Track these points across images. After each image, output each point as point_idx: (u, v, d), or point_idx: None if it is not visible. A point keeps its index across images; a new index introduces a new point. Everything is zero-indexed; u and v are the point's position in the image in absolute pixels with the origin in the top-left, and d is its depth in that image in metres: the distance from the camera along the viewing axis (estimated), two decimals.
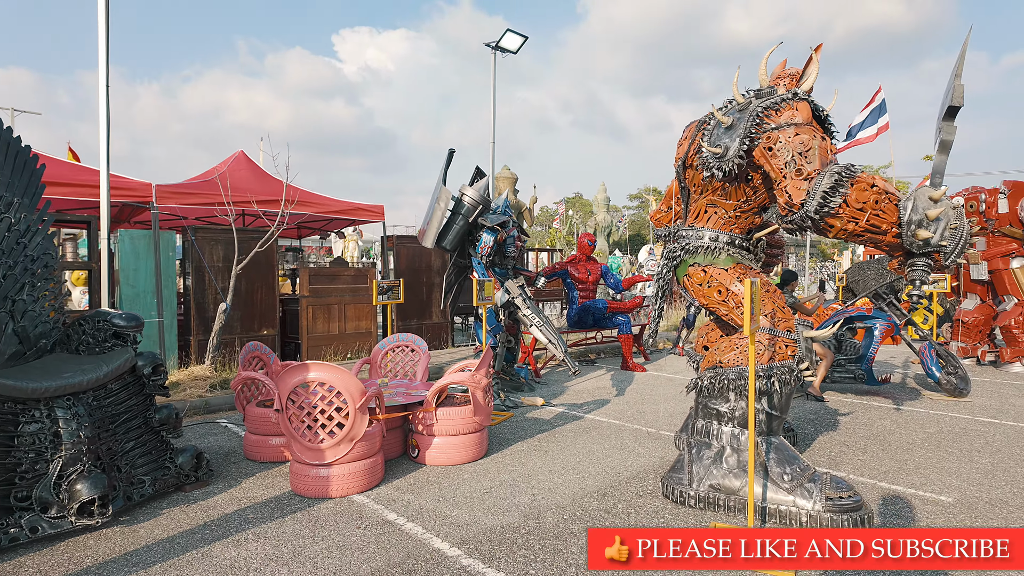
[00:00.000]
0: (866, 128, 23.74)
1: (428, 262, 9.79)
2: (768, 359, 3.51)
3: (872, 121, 24.03)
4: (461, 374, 4.29)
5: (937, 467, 4.26)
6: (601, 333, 9.69)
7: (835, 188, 3.11)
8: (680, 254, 4.05)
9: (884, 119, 24.21)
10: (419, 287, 9.67)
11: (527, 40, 9.23)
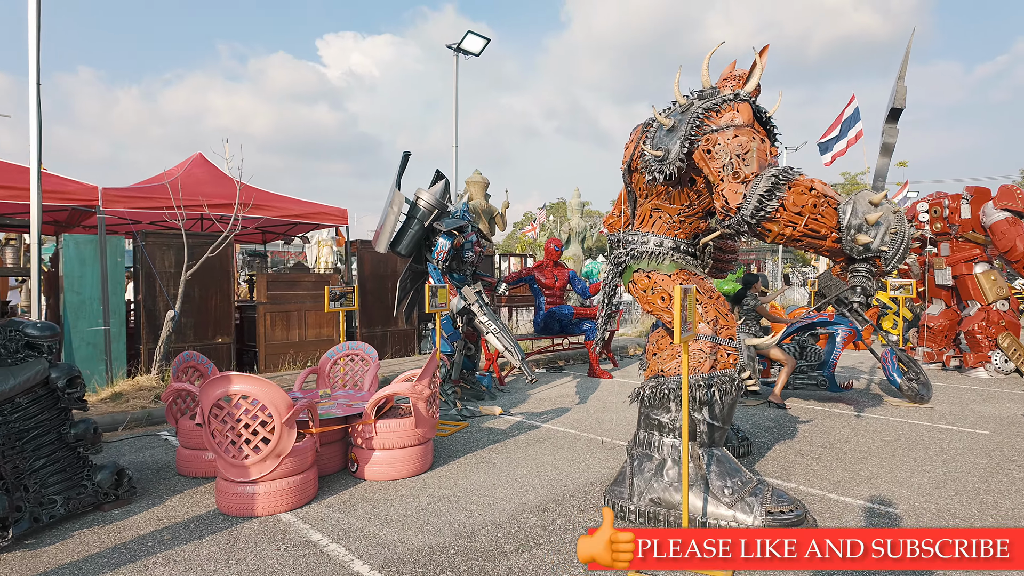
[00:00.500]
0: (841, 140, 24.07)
1: (394, 268, 9.60)
2: (709, 368, 3.39)
3: (845, 132, 24.37)
4: (402, 384, 4.12)
5: (889, 477, 4.18)
6: (568, 339, 9.56)
7: (772, 191, 3.01)
8: (625, 260, 3.93)
9: (858, 127, 24.56)
10: (384, 293, 9.47)
11: (489, 43, 9.13)
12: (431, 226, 6.01)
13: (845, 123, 23.35)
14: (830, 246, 3.12)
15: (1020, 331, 8.39)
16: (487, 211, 12.67)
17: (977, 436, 5.23)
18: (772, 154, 3.28)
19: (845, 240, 3.04)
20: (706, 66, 3.56)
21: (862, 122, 24.10)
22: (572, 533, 3.28)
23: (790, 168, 3.10)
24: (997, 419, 5.81)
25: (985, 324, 8.30)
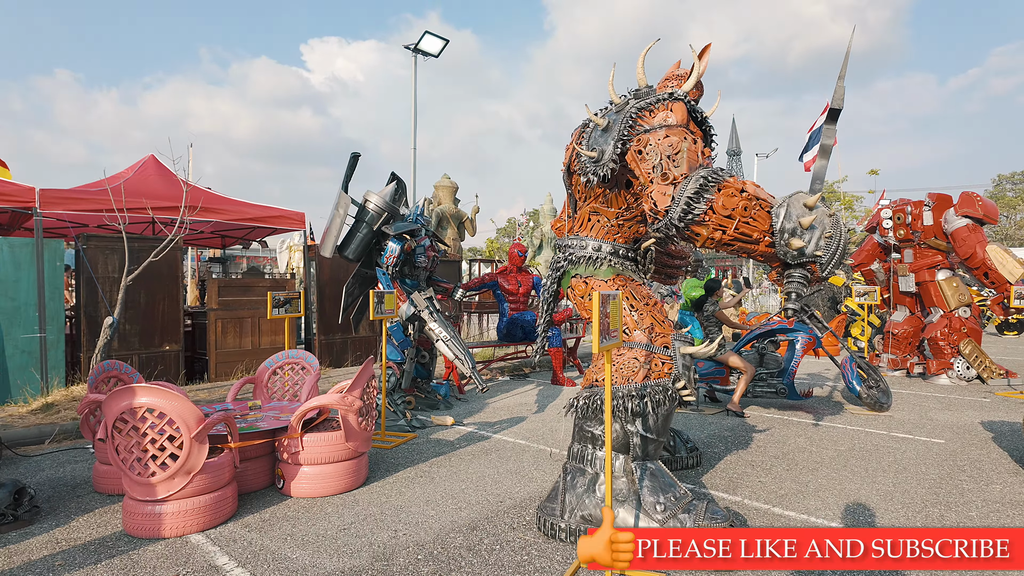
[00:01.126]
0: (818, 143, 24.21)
1: None
2: (643, 377, 3.24)
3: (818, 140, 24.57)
4: (330, 396, 3.91)
5: (838, 489, 4.05)
6: (532, 346, 9.39)
7: (700, 193, 2.88)
8: (563, 265, 3.77)
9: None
10: None
11: (448, 43, 8.97)
12: (381, 230, 5.82)
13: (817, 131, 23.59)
14: (763, 251, 2.99)
15: (981, 338, 8.39)
16: (456, 216, 12.52)
17: (932, 445, 5.14)
18: (705, 155, 3.15)
19: (778, 244, 2.91)
20: (641, 64, 3.43)
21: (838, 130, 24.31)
22: (498, 554, 3.09)
23: (720, 169, 2.97)
24: (954, 427, 5.75)
25: (947, 331, 8.29)
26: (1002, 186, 56.29)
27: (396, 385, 5.91)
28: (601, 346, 2.57)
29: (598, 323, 2.55)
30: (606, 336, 2.67)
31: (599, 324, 2.56)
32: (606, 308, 2.67)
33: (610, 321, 2.72)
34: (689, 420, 6.10)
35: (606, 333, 2.67)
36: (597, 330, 2.55)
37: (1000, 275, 7.88)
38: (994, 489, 4.03)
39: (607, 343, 2.66)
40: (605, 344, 2.64)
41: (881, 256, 9.39)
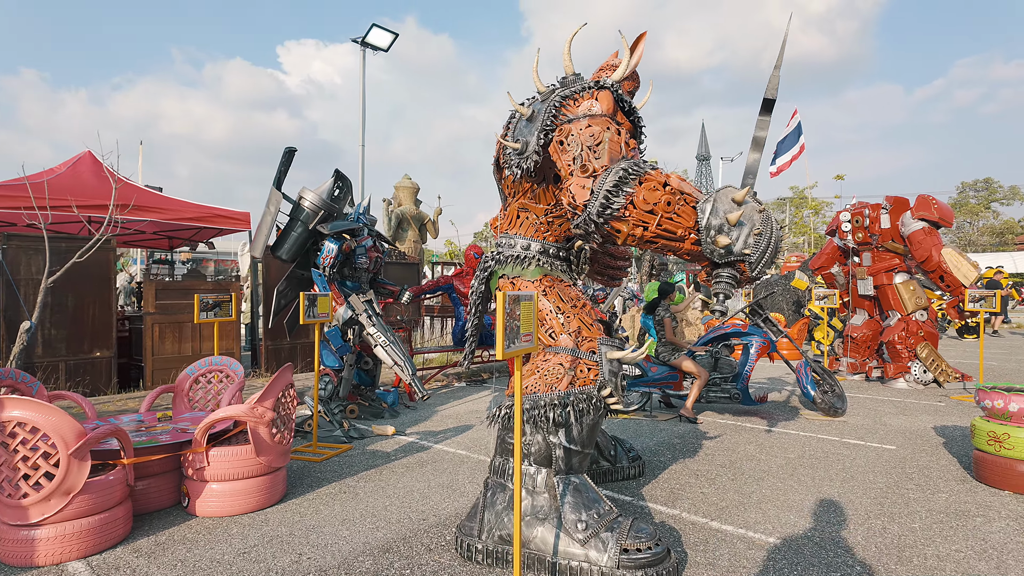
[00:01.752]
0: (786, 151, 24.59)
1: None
2: (567, 384, 3.01)
3: (791, 143, 24.93)
4: (237, 407, 3.61)
5: (781, 500, 3.88)
6: (490, 351, 9.15)
7: (619, 187, 2.66)
8: (491, 264, 3.54)
9: (801, 140, 25.15)
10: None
11: (397, 37, 8.70)
12: (317, 229, 5.52)
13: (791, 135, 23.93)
14: (689, 249, 2.79)
15: (938, 341, 8.38)
16: (417, 217, 12.22)
17: (883, 452, 5.02)
18: (630, 147, 2.94)
19: (704, 242, 2.72)
20: (567, 50, 3.21)
21: (804, 136, 24.73)
22: None
23: (642, 161, 2.76)
24: (906, 433, 5.65)
25: (905, 334, 8.26)
26: (965, 193, 57.91)
27: (333, 393, 5.60)
28: (506, 351, 2.34)
29: (503, 326, 2.32)
30: (515, 340, 2.43)
31: (504, 327, 2.32)
32: (515, 310, 2.44)
33: (521, 324, 2.49)
34: (640, 427, 5.91)
35: (515, 337, 2.44)
36: (502, 334, 2.32)
37: (955, 278, 7.87)
38: (940, 498, 3.90)
39: (515, 348, 2.43)
40: (513, 349, 2.41)
41: (841, 259, 9.36)
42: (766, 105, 3.06)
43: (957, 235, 57.07)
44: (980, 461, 4.19)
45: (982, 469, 4.16)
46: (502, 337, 2.31)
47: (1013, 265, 36.76)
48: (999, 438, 4.03)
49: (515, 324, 2.43)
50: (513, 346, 2.41)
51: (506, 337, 2.34)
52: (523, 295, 2.51)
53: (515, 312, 2.43)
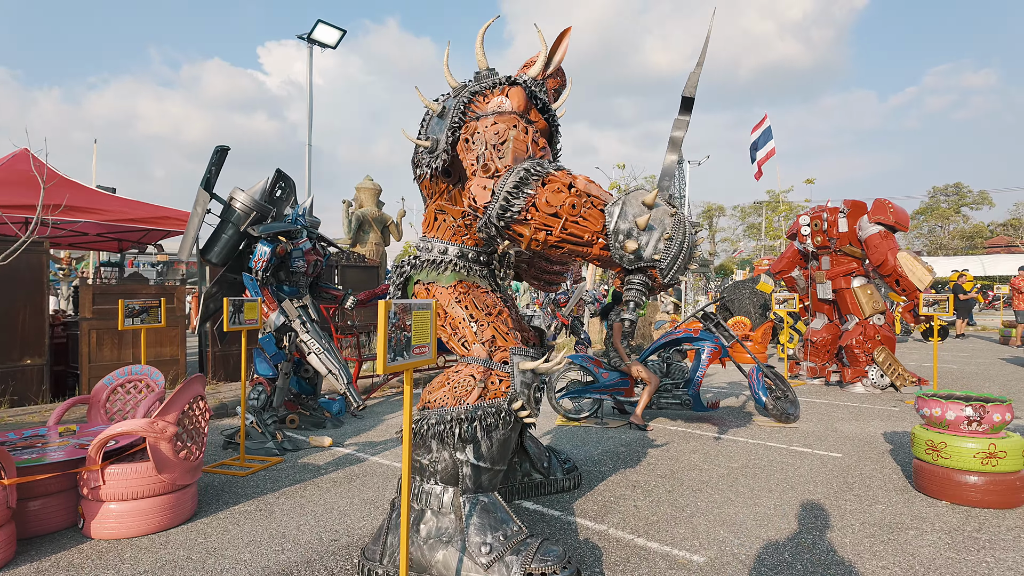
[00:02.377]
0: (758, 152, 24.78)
1: None
2: (476, 397, 2.84)
3: (761, 145, 25.14)
4: (134, 421, 3.38)
5: (715, 513, 3.74)
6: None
7: (519, 188, 2.51)
8: (407, 270, 3.36)
9: (771, 144, 25.38)
10: None
11: (345, 34, 8.49)
12: (248, 231, 5.29)
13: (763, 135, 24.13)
14: (598, 254, 2.64)
15: (895, 345, 8.39)
16: (379, 219, 11.98)
17: (828, 460, 4.93)
18: (539, 146, 2.79)
19: (613, 247, 2.57)
20: (480, 43, 3.05)
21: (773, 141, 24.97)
22: None
23: (544, 161, 2.61)
24: (856, 439, 5.58)
25: (862, 338, 8.25)
26: (937, 197, 59.09)
27: (266, 403, 5.37)
28: (389, 365, 2.16)
29: (384, 337, 2.14)
30: (404, 353, 2.26)
31: (385, 339, 2.14)
32: (404, 319, 2.27)
33: (413, 335, 2.32)
34: (589, 434, 5.76)
35: (403, 349, 2.26)
36: (383, 346, 2.14)
37: (910, 282, 7.86)
38: (876, 510, 3.80)
39: (404, 361, 2.25)
40: (400, 362, 2.23)
41: (801, 263, 9.35)
42: (685, 104, 2.92)
43: (929, 239, 58.22)
44: (919, 470, 4.11)
45: (921, 479, 4.08)
46: (383, 350, 2.13)
47: (982, 268, 37.51)
48: (936, 447, 3.95)
49: (403, 335, 2.25)
50: (401, 359, 2.23)
51: (389, 349, 2.16)
52: (416, 304, 2.33)
53: (404, 322, 2.26)
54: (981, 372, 9.93)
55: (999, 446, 3.78)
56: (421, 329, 2.36)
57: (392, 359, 2.18)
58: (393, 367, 2.19)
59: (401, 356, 2.23)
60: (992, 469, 3.77)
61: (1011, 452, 3.76)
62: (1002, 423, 3.84)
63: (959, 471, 3.85)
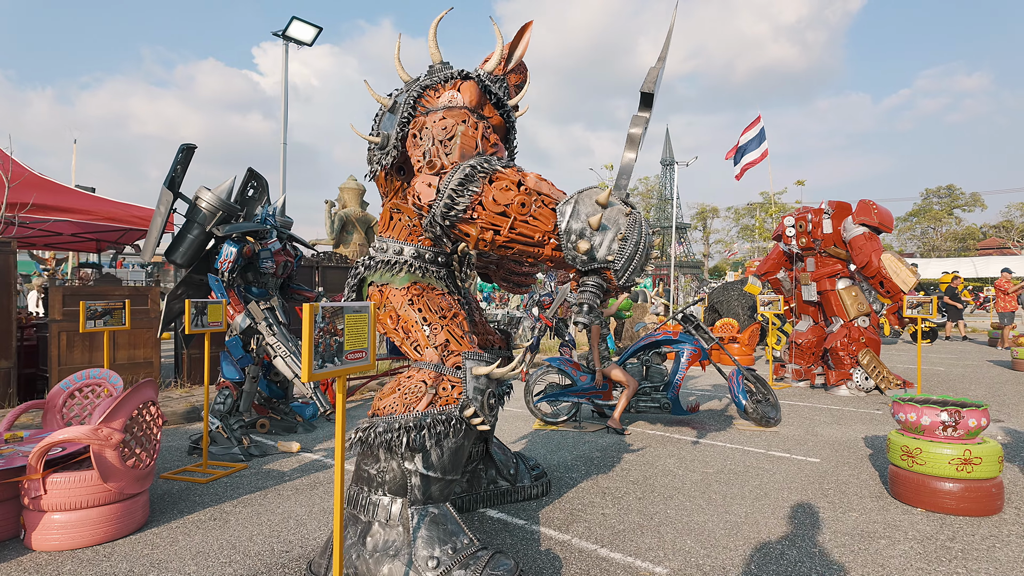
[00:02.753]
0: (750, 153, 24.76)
1: None
2: (427, 404, 2.72)
3: (755, 146, 25.12)
4: (77, 429, 3.25)
5: (683, 522, 3.64)
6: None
7: (464, 185, 2.39)
8: (361, 271, 3.24)
9: (764, 146, 25.36)
10: None
11: (322, 31, 8.37)
12: (214, 232, 5.16)
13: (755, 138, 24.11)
14: (550, 255, 2.53)
15: (880, 347, 8.31)
16: (363, 220, 11.85)
17: (805, 465, 4.83)
18: (490, 142, 2.68)
19: (565, 248, 2.46)
20: (433, 34, 2.94)
21: (767, 142, 24.95)
22: None
23: (493, 158, 2.49)
24: (835, 444, 5.48)
25: (847, 341, 8.16)
26: (929, 199, 59.32)
27: (233, 407, 5.23)
28: (313, 372, 2.04)
29: (308, 343, 2.02)
30: (334, 359, 2.14)
31: (310, 344, 2.02)
32: (335, 324, 2.15)
33: (347, 340, 2.20)
34: (565, 439, 5.65)
35: (333, 355, 2.15)
36: (307, 352, 2.02)
37: (895, 284, 7.79)
38: (849, 518, 3.70)
39: (331, 368, 2.13)
40: (328, 370, 2.12)
41: (786, 265, 9.27)
42: (644, 100, 2.82)
43: (921, 240, 58.44)
44: (894, 477, 4.01)
45: (896, 485, 3.99)
46: (307, 356, 2.01)
47: (974, 270, 37.63)
48: (911, 453, 3.86)
49: (333, 340, 2.13)
50: (331, 366, 2.12)
51: (316, 355, 2.05)
52: (350, 307, 2.21)
53: (334, 326, 2.14)
54: (968, 375, 9.86)
55: (974, 452, 3.68)
56: (356, 333, 2.24)
57: (320, 366, 2.06)
58: (321, 375, 2.08)
59: (331, 363, 2.11)
60: (967, 476, 3.68)
61: (987, 458, 3.67)
62: (978, 428, 3.75)
63: (934, 478, 3.75)
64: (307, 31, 8.33)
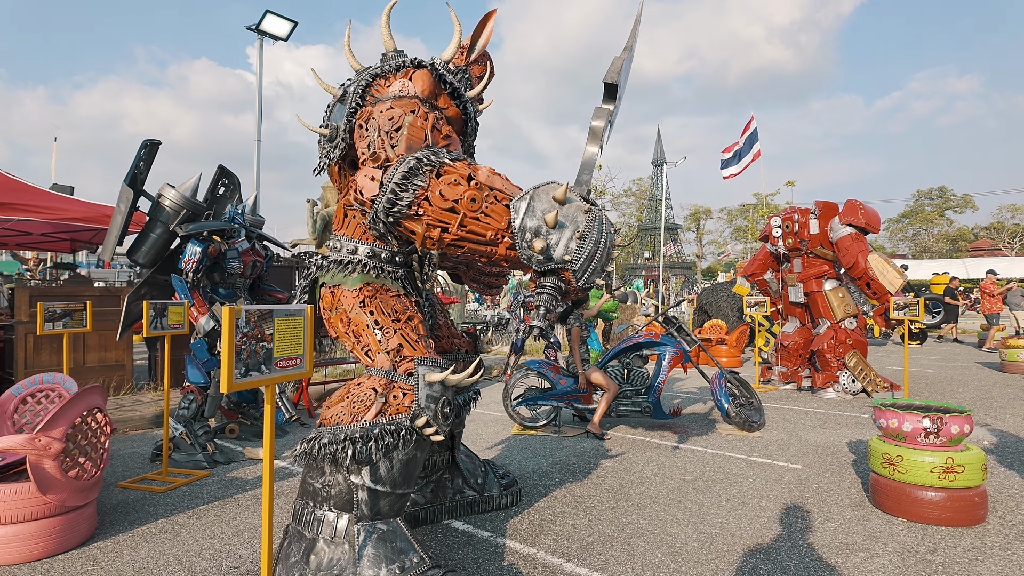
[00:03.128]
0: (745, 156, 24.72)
1: None
2: (376, 414, 2.56)
3: (748, 148, 25.08)
4: (12, 438, 3.07)
5: (656, 534, 3.49)
6: None
7: (408, 179, 2.24)
8: (313, 271, 3.08)
9: (757, 147, 25.31)
10: None
11: (297, 25, 8.19)
12: (176, 231, 4.98)
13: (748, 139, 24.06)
14: (505, 255, 2.38)
15: (867, 349, 8.20)
16: None
17: (786, 472, 4.69)
18: (443, 134, 2.52)
19: (520, 247, 2.31)
20: (386, 20, 2.78)
21: (759, 144, 24.93)
22: None
23: (441, 150, 2.34)
24: (819, 449, 5.35)
25: (834, 343, 8.05)
26: (921, 201, 59.48)
27: (197, 412, 5.06)
28: (234, 382, 1.88)
29: (229, 350, 1.86)
30: (261, 367, 1.98)
31: (230, 351, 1.86)
32: (262, 329, 1.99)
33: (276, 346, 2.04)
34: (543, 444, 5.50)
35: (262, 363, 1.98)
36: (228, 359, 1.86)
37: (881, 285, 7.68)
38: (828, 528, 3.56)
39: (258, 376, 1.97)
40: (253, 379, 1.95)
41: (773, 265, 9.16)
42: (607, 90, 2.67)
43: (913, 242, 58.62)
44: (875, 485, 3.87)
45: (877, 494, 3.85)
46: (227, 364, 1.85)
47: (965, 271, 37.71)
48: (893, 460, 3.72)
49: (260, 346, 1.97)
50: (256, 375, 1.95)
51: (237, 363, 1.88)
52: (280, 310, 2.05)
53: (260, 331, 1.98)
54: (957, 377, 9.77)
55: (957, 460, 3.55)
56: (289, 339, 2.08)
57: (242, 374, 1.90)
58: (243, 384, 1.91)
59: (257, 371, 1.95)
60: (950, 485, 3.55)
61: (969, 466, 3.54)
62: (960, 435, 3.62)
63: (916, 486, 3.62)
64: (282, 25, 8.13)
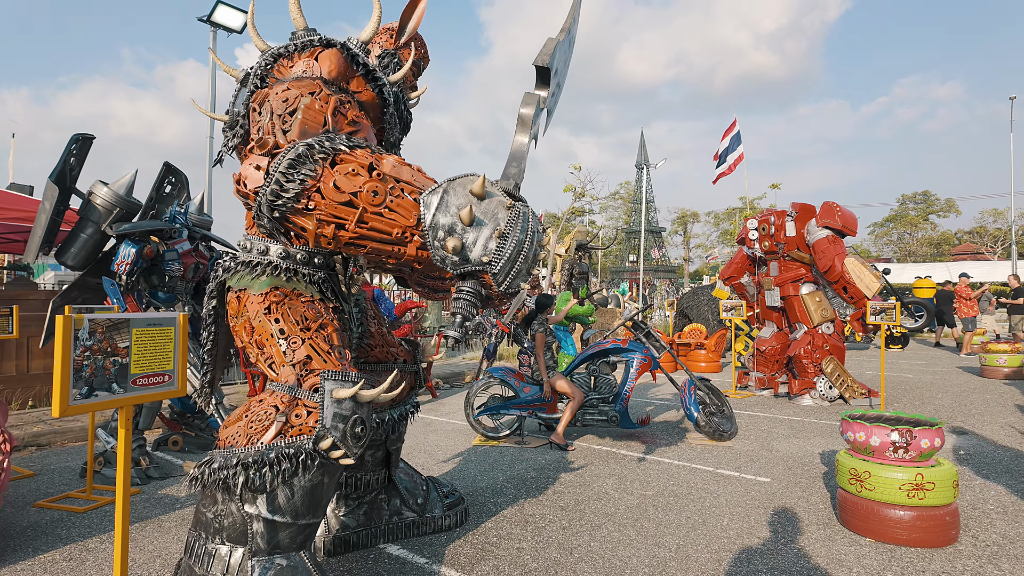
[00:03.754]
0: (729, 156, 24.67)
1: None
2: (274, 435, 2.28)
3: (732, 148, 25.03)
4: None
5: (606, 558, 3.23)
6: None
7: (295, 168, 1.96)
8: (220, 275, 2.79)
9: (740, 149, 25.27)
10: None
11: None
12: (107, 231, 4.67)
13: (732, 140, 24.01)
14: (416, 255, 2.11)
15: (845, 355, 8.01)
16: None
17: (753, 485, 4.46)
18: (348, 119, 2.25)
19: (431, 246, 2.04)
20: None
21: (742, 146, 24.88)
22: None
23: (338, 136, 2.07)
24: (790, 460, 5.12)
25: (811, 348, 7.85)
26: (905, 205, 59.99)
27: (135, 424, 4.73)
28: (72, 404, 1.59)
29: (62, 367, 1.58)
30: (112, 386, 1.70)
31: (63, 368, 1.58)
32: (113, 343, 1.71)
33: (133, 362, 1.76)
34: (504, 455, 5.23)
35: (114, 380, 1.70)
36: (59, 378, 1.57)
37: (858, 289, 7.50)
38: (791, 551, 3.32)
39: (105, 398, 1.68)
40: (98, 400, 1.67)
41: (751, 269, 8.95)
42: (540, 75, 2.41)
43: (898, 246, 59.07)
44: (843, 502, 3.64)
45: (845, 512, 3.62)
46: (59, 383, 1.56)
47: (948, 275, 37.96)
48: (860, 476, 3.49)
49: (109, 361, 1.69)
50: (103, 395, 1.67)
51: (77, 381, 1.60)
52: (140, 319, 1.77)
53: (112, 344, 1.70)
54: (936, 382, 9.62)
55: (927, 476, 3.33)
56: (153, 353, 1.80)
57: (82, 395, 1.61)
58: (88, 406, 1.63)
59: (105, 391, 1.67)
60: (919, 503, 3.32)
61: (940, 483, 3.32)
62: (931, 450, 3.40)
63: (884, 504, 3.39)
64: (235, 17, 7.79)
